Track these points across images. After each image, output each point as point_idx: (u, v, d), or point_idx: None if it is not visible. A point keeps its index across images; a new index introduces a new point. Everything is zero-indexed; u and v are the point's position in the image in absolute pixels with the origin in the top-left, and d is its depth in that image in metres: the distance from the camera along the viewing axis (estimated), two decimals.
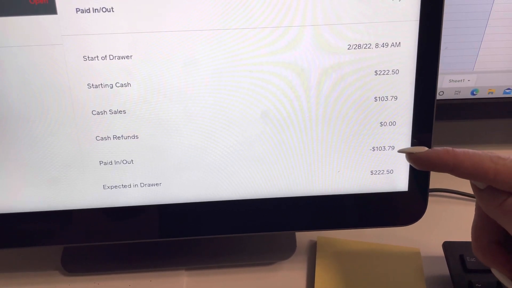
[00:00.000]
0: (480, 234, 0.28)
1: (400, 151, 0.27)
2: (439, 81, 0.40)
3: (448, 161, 0.25)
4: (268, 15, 0.29)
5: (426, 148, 0.26)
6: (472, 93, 0.46)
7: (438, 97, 0.45)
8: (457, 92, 0.46)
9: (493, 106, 0.47)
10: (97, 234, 0.34)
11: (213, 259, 0.40)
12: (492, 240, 0.27)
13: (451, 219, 0.43)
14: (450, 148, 0.26)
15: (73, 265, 0.39)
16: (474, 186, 0.26)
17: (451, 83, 0.45)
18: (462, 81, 0.45)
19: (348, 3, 0.29)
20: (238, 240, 0.40)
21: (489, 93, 0.46)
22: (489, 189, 0.25)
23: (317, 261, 0.40)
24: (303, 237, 0.42)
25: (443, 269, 0.38)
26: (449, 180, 0.47)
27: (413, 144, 0.32)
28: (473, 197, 0.45)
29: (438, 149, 0.26)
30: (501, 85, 0.46)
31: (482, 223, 0.28)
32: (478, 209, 0.28)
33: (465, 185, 0.46)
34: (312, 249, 0.41)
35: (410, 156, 0.27)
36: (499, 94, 0.46)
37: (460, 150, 0.25)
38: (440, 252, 0.39)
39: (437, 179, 0.46)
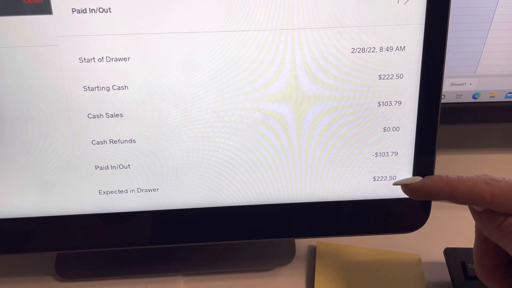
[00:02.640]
0: (483, 257, 0.27)
1: (395, 184, 0.27)
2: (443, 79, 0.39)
3: (444, 188, 0.25)
4: (270, 17, 0.28)
5: (420, 178, 0.26)
6: (474, 97, 0.46)
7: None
8: (458, 96, 0.46)
9: (495, 110, 0.46)
10: (92, 240, 0.33)
11: (211, 265, 0.39)
12: (495, 263, 0.26)
13: (453, 225, 0.42)
14: (444, 175, 0.25)
15: (67, 270, 0.38)
16: (472, 209, 0.26)
17: (452, 86, 0.45)
18: (464, 84, 0.45)
19: (352, 6, 0.28)
20: (236, 246, 0.40)
21: (490, 97, 0.46)
22: (487, 212, 0.25)
23: (317, 267, 0.39)
24: (303, 242, 0.42)
25: (444, 276, 0.38)
26: None
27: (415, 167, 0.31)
28: None
29: (432, 177, 0.26)
30: (503, 89, 0.45)
31: (483, 246, 0.27)
32: (478, 232, 0.27)
33: None
34: (312, 255, 0.41)
35: (405, 187, 0.27)
36: (500, 98, 0.46)
37: (454, 177, 0.25)
38: (441, 258, 0.39)
39: None
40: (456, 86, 0.45)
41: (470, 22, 0.41)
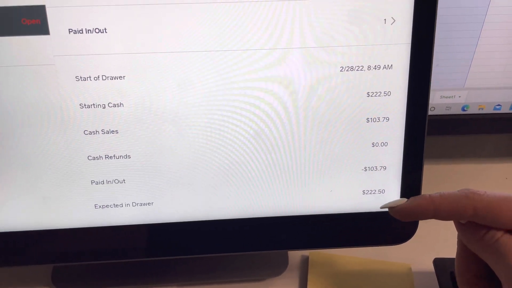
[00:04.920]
0: (464, 268, 0.28)
1: (382, 207, 0.28)
2: (430, 97, 0.40)
3: (428, 208, 0.26)
4: (261, 37, 0.29)
5: (405, 200, 0.27)
6: (463, 109, 0.47)
7: (429, 112, 0.46)
8: (448, 108, 0.46)
9: (483, 122, 0.47)
10: (87, 253, 0.33)
11: (204, 275, 0.40)
12: (476, 274, 0.27)
13: (442, 236, 0.43)
14: (426, 195, 0.26)
15: (63, 282, 0.39)
16: (455, 221, 0.27)
17: (442, 99, 0.46)
18: (453, 97, 0.46)
19: (340, 26, 0.29)
20: (229, 256, 0.40)
21: (479, 109, 0.47)
22: (469, 224, 0.26)
23: (309, 277, 0.40)
24: (295, 252, 0.42)
25: (434, 286, 0.39)
26: None
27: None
28: None
29: (416, 198, 0.27)
30: (491, 101, 0.46)
31: (465, 257, 0.28)
32: (460, 243, 0.28)
33: None
34: (304, 265, 0.41)
35: (391, 210, 0.28)
36: (489, 110, 0.47)
37: (435, 195, 0.26)
38: (431, 268, 0.40)
39: None
40: (445, 99, 0.46)
41: (458, 36, 0.42)
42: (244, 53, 0.29)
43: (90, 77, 0.29)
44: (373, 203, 0.33)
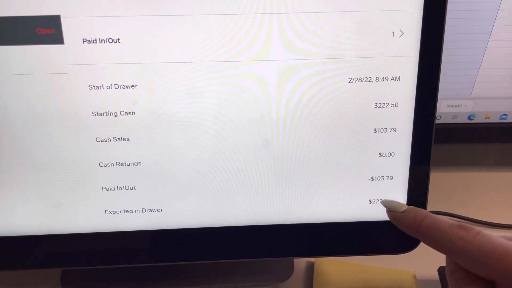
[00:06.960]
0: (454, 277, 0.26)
1: (383, 202, 0.28)
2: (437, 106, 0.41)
3: (412, 230, 0.25)
4: (268, 48, 0.29)
5: (406, 207, 0.26)
6: (469, 118, 0.47)
7: (435, 121, 0.46)
8: (454, 117, 0.47)
9: (489, 131, 0.47)
10: (97, 257, 0.34)
11: (210, 281, 0.40)
12: (466, 282, 0.26)
13: None
14: (420, 216, 0.25)
15: (72, 284, 0.39)
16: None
17: (448, 108, 0.46)
18: (460, 106, 0.46)
19: (349, 37, 0.29)
20: (236, 262, 0.41)
21: (485, 118, 0.47)
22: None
23: (314, 283, 0.40)
24: (301, 259, 0.43)
25: None
26: (446, 203, 0.48)
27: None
28: (470, 220, 0.46)
29: (410, 213, 0.26)
30: (497, 110, 0.46)
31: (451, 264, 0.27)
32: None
33: (462, 209, 0.47)
34: (310, 271, 0.42)
35: (389, 214, 0.27)
36: (495, 119, 0.47)
37: (428, 221, 0.25)
38: (435, 276, 0.40)
39: (434, 203, 0.47)
40: (452, 108, 0.46)
41: (465, 47, 0.43)
42: (250, 63, 0.30)
43: (103, 85, 0.30)
44: (379, 213, 0.34)
